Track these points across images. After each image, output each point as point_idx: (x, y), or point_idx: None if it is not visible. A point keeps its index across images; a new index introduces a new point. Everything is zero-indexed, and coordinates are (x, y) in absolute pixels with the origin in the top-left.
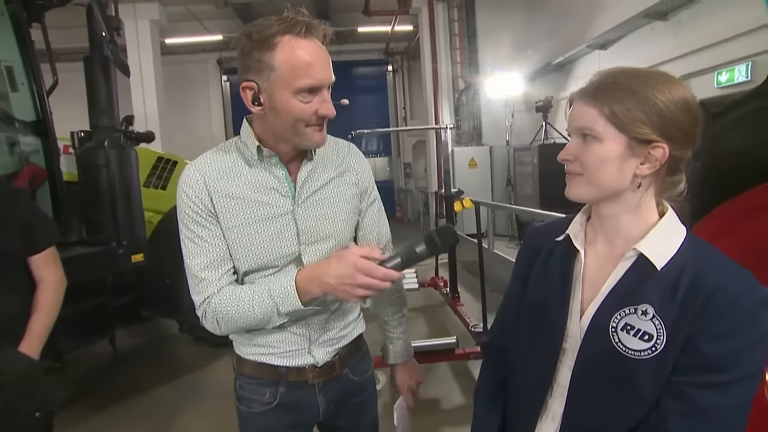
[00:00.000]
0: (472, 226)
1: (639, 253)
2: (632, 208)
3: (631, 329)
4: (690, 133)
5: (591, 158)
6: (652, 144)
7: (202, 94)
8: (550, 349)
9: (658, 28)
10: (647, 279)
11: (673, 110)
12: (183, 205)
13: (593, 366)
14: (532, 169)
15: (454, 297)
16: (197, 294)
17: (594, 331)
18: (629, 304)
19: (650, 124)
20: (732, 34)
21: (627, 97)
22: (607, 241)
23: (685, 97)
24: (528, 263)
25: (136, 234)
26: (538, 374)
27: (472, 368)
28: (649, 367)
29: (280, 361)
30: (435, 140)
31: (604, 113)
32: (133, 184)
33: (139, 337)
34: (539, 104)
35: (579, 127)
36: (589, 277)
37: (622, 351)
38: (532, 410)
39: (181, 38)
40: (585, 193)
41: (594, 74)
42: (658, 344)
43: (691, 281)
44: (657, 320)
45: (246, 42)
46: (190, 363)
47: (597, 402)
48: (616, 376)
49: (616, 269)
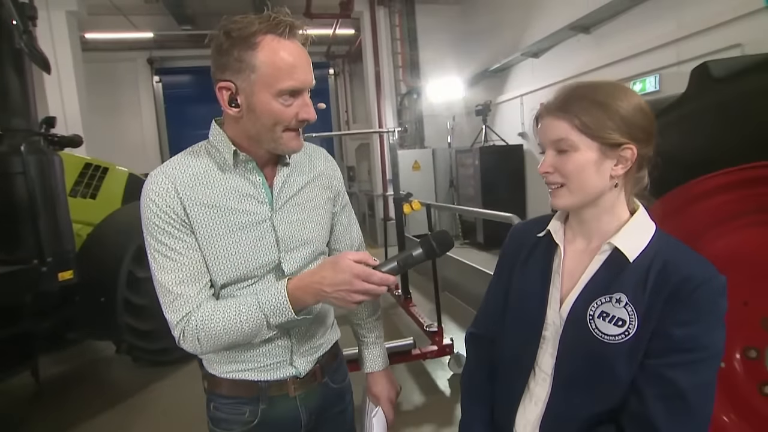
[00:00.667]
0: (416, 228)
1: (614, 247)
2: (609, 207)
3: (607, 316)
4: (650, 132)
5: (571, 167)
6: (621, 146)
7: (131, 96)
8: (532, 337)
9: (582, 40)
10: (621, 270)
11: (634, 114)
12: (152, 216)
13: (573, 351)
14: (473, 171)
15: (406, 298)
16: (173, 312)
17: (573, 318)
18: (605, 293)
19: (617, 129)
20: (643, 48)
21: (593, 108)
22: (584, 237)
23: (640, 102)
24: (512, 258)
25: (64, 249)
26: (521, 361)
27: (429, 368)
28: (624, 351)
29: (261, 375)
30: (379, 143)
31: (575, 124)
32: (59, 193)
33: (67, 364)
34: (479, 108)
35: (553, 140)
36: (567, 270)
37: (598, 336)
38: (516, 394)
39: (105, 33)
40: (570, 201)
41: (556, 91)
42: (630, 329)
43: (660, 272)
44: (630, 307)
45: (225, 39)
46: (128, 387)
47: (577, 386)
48: (594, 359)
49: (593, 262)
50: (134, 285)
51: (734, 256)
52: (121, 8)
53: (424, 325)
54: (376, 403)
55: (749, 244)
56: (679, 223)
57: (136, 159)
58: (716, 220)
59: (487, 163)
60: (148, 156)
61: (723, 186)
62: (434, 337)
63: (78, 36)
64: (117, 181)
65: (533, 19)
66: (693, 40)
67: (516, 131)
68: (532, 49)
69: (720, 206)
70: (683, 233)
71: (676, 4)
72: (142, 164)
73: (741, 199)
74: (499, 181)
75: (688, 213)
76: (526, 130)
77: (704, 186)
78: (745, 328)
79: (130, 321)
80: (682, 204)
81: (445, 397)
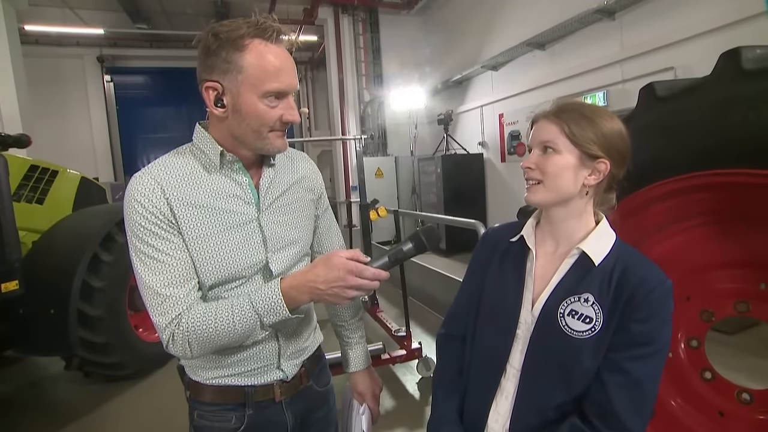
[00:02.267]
0: (380, 235)
1: (581, 251)
2: (577, 214)
3: (575, 314)
4: (624, 156)
5: (552, 167)
6: (597, 159)
7: (79, 95)
8: (505, 336)
9: (538, 56)
10: (588, 273)
11: (614, 136)
12: (137, 217)
13: (544, 347)
14: (435, 178)
15: (373, 304)
16: (161, 315)
17: (545, 317)
18: (574, 293)
19: (597, 143)
20: (592, 66)
21: (582, 120)
22: (554, 242)
23: (621, 128)
24: (486, 260)
25: (7, 258)
26: (494, 358)
27: (398, 372)
28: (590, 345)
29: (247, 380)
30: (342, 150)
31: (564, 130)
32: (2, 196)
33: (7, 384)
34: (440, 117)
35: (542, 140)
36: (539, 272)
37: (568, 333)
38: (489, 390)
39: (47, 27)
40: (544, 198)
41: (554, 101)
42: (596, 325)
43: (620, 275)
44: (596, 306)
45: (213, 41)
46: (79, 406)
47: (545, 377)
48: (563, 353)
49: (563, 265)
50: (88, 295)
51: (676, 256)
52: (68, 1)
53: (392, 330)
54: (362, 401)
55: (689, 245)
56: (628, 229)
57: (85, 162)
58: (659, 224)
59: (448, 171)
60: (98, 159)
61: (663, 194)
62: (403, 341)
63: (16, 27)
64: (68, 185)
65: (492, 34)
66: (634, 61)
67: (476, 140)
68: (491, 62)
69: (661, 212)
70: (632, 238)
71: (619, 27)
72: (91, 168)
73: (680, 205)
74: (461, 189)
75: (635, 219)
76: (486, 140)
77: (647, 195)
78: (688, 320)
79: (83, 333)
80: (629, 212)
81: (415, 400)
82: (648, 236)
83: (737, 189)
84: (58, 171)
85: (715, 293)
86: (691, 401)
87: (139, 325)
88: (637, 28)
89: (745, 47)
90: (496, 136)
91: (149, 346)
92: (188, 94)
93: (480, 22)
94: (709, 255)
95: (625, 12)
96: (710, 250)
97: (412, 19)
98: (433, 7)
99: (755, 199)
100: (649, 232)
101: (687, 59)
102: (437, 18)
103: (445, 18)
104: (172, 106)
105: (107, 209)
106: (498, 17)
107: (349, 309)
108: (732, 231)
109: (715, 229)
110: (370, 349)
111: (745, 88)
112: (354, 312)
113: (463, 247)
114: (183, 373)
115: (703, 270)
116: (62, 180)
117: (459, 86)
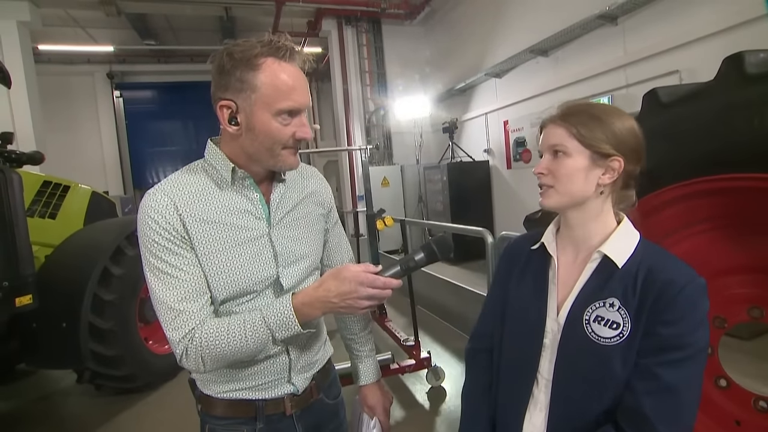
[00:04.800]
0: (387, 244)
1: (603, 254)
2: (595, 215)
3: (602, 320)
4: (637, 152)
5: (563, 171)
6: (610, 157)
7: (89, 111)
8: (533, 345)
9: (542, 62)
10: (611, 276)
11: (625, 133)
12: (151, 233)
13: (572, 356)
14: (441, 186)
15: (381, 314)
16: (175, 329)
17: (570, 325)
18: (598, 298)
19: (608, 142)
20: (596, 72)
21: (590, 121)
22: (574, 247)
23: (633, 125)
24: (508, 271)
25: (22, 272)
26: (524, 369)
27: (408, 382)
28: (619, 351)
29: (258, 394)
30: (348, 160)
31: (572, 132)
32: (17, 212)
33: (18, 398)
34: (445, 125)
35: (552, 144)
36: (562, 279)
37: (595, 340)
38: (522, 402)
39: (60, 46)
40: (557, 201)
41: (560, 105)
42: (624, 331)
43: (646, 276)
44: (622, 310)
45: (228, 60)
46: (90, 420)
47: (577, 387)
48: (592, 362)
49: (585, 270)
50: (99, 308)
51: (686, 261)
52: (79, 20)
53: (401, 339)
54: (372, 414)
55: (697, 250)
56: (651, 225)
57: (94, 176)
58: (667, 230)
59: (454, 179)
60: (108, 173)
61: (671, 200)
62: (411, 351)
63: (30, 47)
64: (79, 199)
65: (495, 41)
66: (638, 65)
67: (481, 148)
68: (494, 69)
69: (669, 218)
70: (655, 232)
71: (622, 32)
72: (101, 182)
73: (688, 210)
74: (467, 196)
75: (642, 225)
76: (492, 147)
77: (654, 201)
78: None
79: (94, 346)
80: (636, 218)
81: (425, 411)
82: (657, 242)
83: (745, 194)
84: (69, 186)
85: (727, 299)
86: (706, 410)
87: (149, 338)
88: (639, 33)
89: (748, 51)
90: (502, 143)
91: (159, 358)
92: (194, 108)
93: (483, 30)
94: (719, 260)
95: (627, 17)
96: (720, 255)
97: (415, 29)
98: (436, 16)
99: (763, 203)
100: (657, 238)
101: (691, 62)
102: (440, 27)
103: (447, 27)
104: (179, 120)
105: (117, 223)
106: (500, 25)
107: (358, 322)
108: (741, 236)
109: (724, 234)
110: (378, 359)
111: (749, 93)
112: (364, 325)
113: (471, 255)
114: (194, 386)
115: (713, 276)
116: (74, 195)
117: (463, 94)
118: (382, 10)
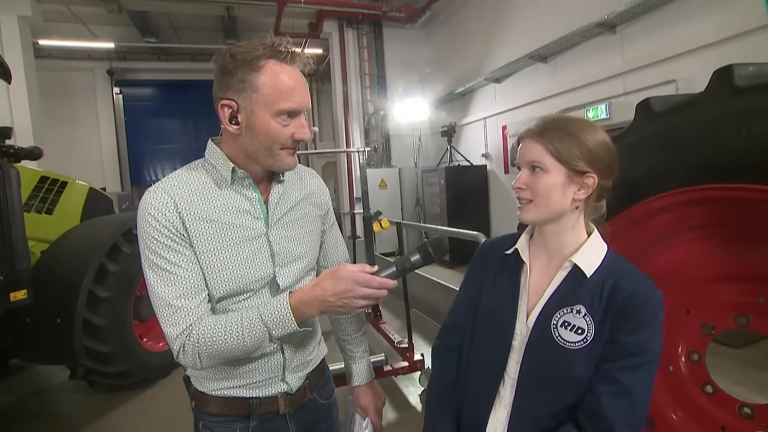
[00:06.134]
0: (383, 246)
1: (573, 264)
2: (569, 227)
3: (568, 325)
4: (611, 166)
5: (541, 186)
6: (585, 174)
7: (89, 107)
8: (502, 346)
9: (540, 69)
10: (580, 285)
11: (598, 149)
12: (151, 230)
13: (538, 357)
14: (439, 190)
15: (376, 315)
16: (173, 325)
17: (539, 328)
18: (567, 304)
19: (583, 159)
20: (594, 79)
21: (566, 137)
22: (547, 255)
23: (605, 138)
24: (483, 272)
25: (17, 267)
26: (492, 368)
27: (401, 384)
28: (583, 355)
29: (252, 392)
30: (347, 162)
31: (549, 149)
32: (14, 207)
33: (10, 394)
34: (444, 129)
35: (530, 160)
36: (533, 284)
37: (561, 343)
38: (487, 399)
39: (60, 41)
40: (536, 216)
41: (538, 119)
42: (588, 336)
43: (612, 287)
44: (588, 317)
45: (230, 61)
46: (82, 417)
47: (540, 387)
48: (556, 363)
49: (556, 277)
50: (94, 305)
51: (676, 269)
52: (81, 16)
53: (394, 341)
54: (365, 415)
55: (688, 258)
56: (627, 242)
57: (92, 172)
58: (658, 237)
59: (452, 182)
60: (106, 170)
61: (661, 208)
62: (405, 353)
63: (31, 42)
64: (76, 195)
65: (495, 46)
66: (636, 74)
67: (480, 152)
68: (494, 74)
69: (660, 225)
70: (631, 251)
71: (620, 40)
72: (99, 178)
73: (678, 218)
74: (464, 200)
75: (635, 232)
76: (489, 151)
77: (646, 208)
78: (688, 334)
79: (88, 343)
80: (629, 224)
81: (417, 413)
82: (647, 249)
83: (735, 203)
84: (67, 182)
85: (715, 306)
86: (693, 415)
87: (144, 335)
88: (638, 42)
89: (737, 65)
90: (500, 148)
91: (153, 355)
92: (194, 107)
93: (483, 35)
94: (709, 268)
95: (625, 26)
96: (709, 263)
97: (415, 32)
98: (437, 20)
99: (752, 214)
100: (648, 245)
101: (688, 72)
102: (441, 31)
103: (448, 31)
104: (178, 118)
105: (114, 220)
106: (501, 30)
107: (353, 323)
108: (730, 245)
109: (714, 243)
110: (372, 360)
111: (738, 105)
112: (358, 326)
113: (466, 258)
114: (189, 383)
115: (702, 283)
116: (71, 191)
117: (462, 98)
118: (383, 12)
